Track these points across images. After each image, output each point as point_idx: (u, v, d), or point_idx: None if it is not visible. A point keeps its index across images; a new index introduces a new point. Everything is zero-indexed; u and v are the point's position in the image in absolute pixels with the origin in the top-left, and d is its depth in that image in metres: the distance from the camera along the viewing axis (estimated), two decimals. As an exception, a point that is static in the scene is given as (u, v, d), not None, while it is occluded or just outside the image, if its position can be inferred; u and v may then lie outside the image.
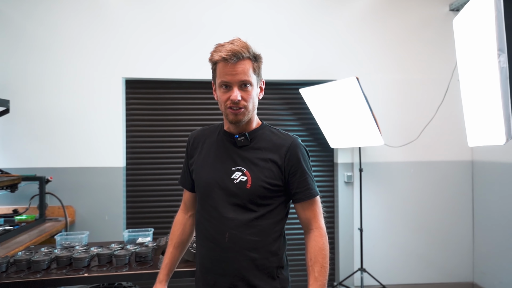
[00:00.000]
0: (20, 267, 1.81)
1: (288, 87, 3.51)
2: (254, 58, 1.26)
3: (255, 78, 1.27)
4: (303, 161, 1.30)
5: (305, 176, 1.29)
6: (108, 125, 3.21)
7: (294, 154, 1.29)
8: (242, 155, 1.30)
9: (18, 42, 3.13)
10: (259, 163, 1.28)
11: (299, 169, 1.29)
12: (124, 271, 1.80)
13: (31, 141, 3.13)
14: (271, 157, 1.28)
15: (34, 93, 3.14)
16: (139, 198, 3.36)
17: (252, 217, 1.26)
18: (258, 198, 1.26)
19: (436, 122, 3.41)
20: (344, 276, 3.37)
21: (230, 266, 1.25)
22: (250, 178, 1.26)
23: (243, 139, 1.31)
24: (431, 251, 3.48)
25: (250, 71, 1.23)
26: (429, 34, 3.50)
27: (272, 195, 1.28)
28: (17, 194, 2.87)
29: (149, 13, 3.25)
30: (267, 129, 1.37)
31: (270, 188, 1.26)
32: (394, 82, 3.47)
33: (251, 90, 1.26)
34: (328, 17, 3.42)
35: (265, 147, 1.31)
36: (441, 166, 3.50)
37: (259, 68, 1.29)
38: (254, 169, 1.27)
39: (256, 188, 1.25)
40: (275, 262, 1.30)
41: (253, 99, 1.27)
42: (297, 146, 1.31)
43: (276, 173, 1.27)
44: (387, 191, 3.47)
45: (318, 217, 1.31)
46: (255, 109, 1.32)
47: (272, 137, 1.34)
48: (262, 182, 1.26)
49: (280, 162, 1.28)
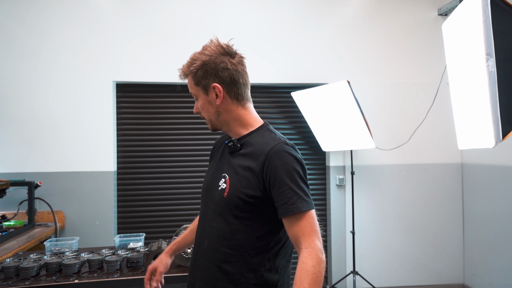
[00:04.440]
0: (8, 275, 1.78)
1: (280, 91, 3.52)
2: (192, 73, 1.25)
3: (199, 89, 1.25)
4: (282, 170, 1.13)
5: (284, 188, 1.12)
6: (99, 129, 3.18)
7: (271, 162, 1.14)
8: (230, 161, 1.25)
9: (8, 47, 3.09)
10: (240, 171, 1.19)
11: (277, 180, 1.13)
12: (116, 277, 1.78)
13: (19, 145, 3.08)
14: (250, 165, 1.17)
15: (23, 97, 3.09)
16: (130, 203, 3.32)
17: (229, 230, 1.17)
18: (235, 209, 1.17)
19: (426, 125, 3.45)
20: (337, 279, 3.38)
21: (206, 274, 1.21)
22: (229, 186, 1.18)
23: (232, 144, 1.26)
24: (422, 253, 3.51)
25: (192, 85, 1.26)
26: (418, 38, 3.55)
27: (249, 208, 1.16)
28: (5, 199, 2.83)
29: (139, 18, 3.24)
30: (260, 133, 1.27)
31: (246, 199, 1.15)
32: (384, 85, 3.50)
33: (200, 101, 1.27)
34: (319, 21, 3.45)
35: (250, 153, 1.21)
36: (431, 168, 3.54)
37: (200, 79, 1.24)
38: (234, 177, 1.19)
39: (232, 198, 1.17)
40: (252, 278, 1.16)
41: (206, 109, 1.27)
42: (277, 153, 1.15)
43: (254, 183, 1.15)
44: (379, 193, 3.50)
45: (307, 235, 1.12)
46: (218, 116, 1.26)
47: (260, 142, 1.22)
48: (238, 192, 1.16)
49: (257, 171, 1.15)
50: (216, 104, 1.25)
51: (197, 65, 1.24)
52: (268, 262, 1.19)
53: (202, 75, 1.23)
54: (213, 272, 1.19)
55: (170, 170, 3.37)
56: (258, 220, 1.17)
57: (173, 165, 3.38)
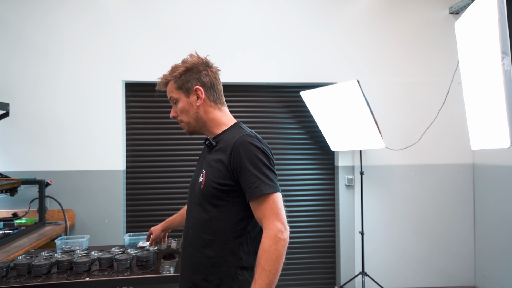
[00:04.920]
0: (21, 272, 1.79)
1: (288, 90, 3.51)
2: (175, 78, 1.39)
3: (180, 92, 1.40)
4: (246, 159, 1.26)
5: (248, 174, 1.25)
6: (108, 128, 3.19)
7: (236, 152, 1.28)
8: (207, 158, 1.41)
9: (18, 46, 3.12)
10: (213, 164, 1.34)
11: (242, 168, 1.26)
12: (126, 275, 1.78)
13: (30, 144, 3.11)
14: (220, 158, 1.32)
15: (34, 97, 3.12)
16: (139, 202, 3.34)
17: (208, 217, 1.31)
18: (210, 197, 1.31)
19: (437, 125, 3.41)
20: (345, 280, 3.36)
21: (191, 260, 1.35)
22: (204, 179, 1.34)
23: (208, 143, 1.41)
24: (432, 255, 3.47)
25: (173, 89, 1.40)
26: (429, 37, 3.51)
27: (223, 195, 1.30)
28: (17, 197, 2.86)
29: (147, 17, 3.25)
30: (232, 130, 1.39)
31: (219, 188, 1.29)
32: (394, 85, 3.47)
33: (180, 104, 1.41)
34: (328, 21, 3.42)
35: (221, 147, 1.35)
36: (442, 169, 3.50)
37: (184, 82, 1.39)
38: (209, 170, 1.35)
39: (207, 188, 1.32)
40: (232, 261, 1.29)
41: (186, 111, 1.41)
42: (240, 145, 1.28)
43: (224, 173, 1.29)
44: (388, 194, 3.46)
45: (267, 216, 1.22)
46: (197, 117, 1.41)
47: (229, 136, 1.36)
48: (211, 182, 1.31)
49: (226, 162, 1.30)
50: (197, 105, 1.40)
51: (181, 71, 1.40)
52: (246, 245, 1.31)
53: (186, 79, 1.39)
54: (197, 258, 1.33)
55: (178, 169, 3.37)
56: (232, 206, 1.31)
57: (181, 164, 3.38)
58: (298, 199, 3.49)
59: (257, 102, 3.47)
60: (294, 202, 3.48)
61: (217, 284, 1.29)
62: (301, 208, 3.49)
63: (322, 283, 3.49)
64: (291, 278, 3.43)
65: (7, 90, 3.08)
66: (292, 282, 3.44)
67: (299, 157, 3.51)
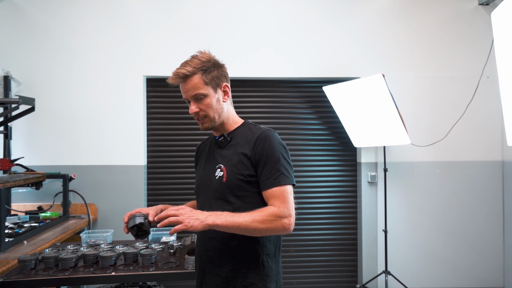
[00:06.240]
0: (48, 264, 1.81)
1: (310, 85, 3.45)
2: (204, 71, 1.37)
3: (209, 88, 1.38)
4: (269, 151, 1.33)
5: (268, 165, 1.32)
6: (130, 123, 3.21)
7: (260, 145, 1.34)
8: (222, 154, 1.43)
9: (44, 43, 3.16)
10: (233, 158, 1.38)
11: (264, 159, 1.33)
12: (151, 270, 1.78)
13: (55, 139, 3.15)
14: (242, 151, 1.37)
15: (58, 92, 3.16)
16: (159, 197, 3.35)
17: (231, 209, 1.31)
18: (235, 189, 1.34)
19: (465, 120, 3.30)
20: (368, 279, 3.30)
21: (215, 254, 1.37)
22: (226, 173, 1.36)
23: (223, 138, 1.44)
24: (458, 255, 3.36)
25: (201, 84, 1.36)
26: (457, 29, 3.39)
27: (248, 186, 1.35)
28: (42, 191, 2.90)
29: (169, 12, 3.24)
30: (246, 126, 1.47)
31: (243, 179, 1.34)
32: (420, 79, 3.36)
33: (208, 100, 1.38)
34: (351, 13, 3.34)
35: (240, 142, 1.40)
36: (469, 166, 3.38)
37: (214, 77, 1.38)
38: (229, 164, 1.37)
39: (231, 181, 1.35)
40: (258, 250, 1.34)
41: (213, 107, 1.39)
42: (264, 138, 1.36)
43: (248, 164, 1.35)
44: (412, 191, 3.37)
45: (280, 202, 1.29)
46: (221, 112, 1.42)
47: (247, 133, 1.42)
48: (236, 174, 1.34)
49: (250, 154, 1.35)
50: (223, 101, 1.42)
51: (209, 65, 1.38)
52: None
53: (215, 75, 1.39)
54: (222, 250, 1.35)
55: (199, 164, 3.37)
56: (255, 196, 1.35)
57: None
58: (319, 196, 3.44)
59: (278, 98, 3.43)
60: (315, 199, 3.43)
61: (244, 272, 1.33)
62: (322, 205, 3.44)
63: (343, 281, 3.43)
64: (312, 275, 3.39)
65: (33, 86, 3.13)
66: (314, 279, 3.39)
67: (320, 153, 3.45)
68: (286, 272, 3.36)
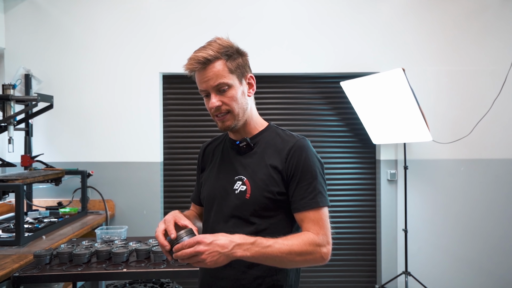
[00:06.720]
0: (63, 260, 1.84)
1: (328, 81, 3.37)
2: (228, 56, 1.15)
3: (234, 77, 1.15)
4: (305, 166, 1.13)
5: (304, 182, 1.13)
6: (147, 120, 3.23)
7: (294, 157, 1.14)
8: (243, 163, 1.20)
9: (63, 42, 3.21)
10: (260, 170, 1.16)
11: (299, 175, 1.13)
12: (162, 267, 1.77)
13: (73, 135, 3.21)
14: (272, 162, 1.16)
15: (76, 90, 3.21)
16: (176, 193, 3.36)
17: (254, 231, 1.12)
18: (260, 209, 1.14)
19: (491, 116, 3.14)
20: (387, 279, 3.20)
21: (229, 283, 1.15)
22: (250, 187, 1.15)
23: (245, 144, 1.20)
24: (483, 257, 3.22)
25: (225, 72, 1.13)
26: (483, 21, 3.22)
27: (276, 205, 1.15)
28: (61, 187, 2.96)
29: (184, 9, 3.23)
30: (272, 131, 1.24)
31: (271, 197, 1.13)
32: (444, 73, 3.23)
33: (232, 92, 1.15)
34: (370, 5, 3.23)
35: (268, 151, 1.18)
36: (495, 164, 3.23)
37: (239, 65, 1.17)
38: (254, 177, 1.16)
39: (257, 198, 1.13)
40: (280, 280, 1.14)
41: (238, 100, 1.15)
42: (300, 149, 1.15)
43: (278, 180, 1.14)
44: (434, 190, 3.25)
45: (319, 228, 1.10)
46: (246, 109, 1.19)
47: (276, 139, 1.20)
48: (263, 191, 1.13)
49: (281, 167, 1.15)
50: (248, 95, 1.20)
51: (233, 50, 1.17)
52: None
53: (241, 63, 1.18)
54: (239, 280, 1.14)
55: (215, 161, 3.36)
56: (285, 217, 1.16)
57: (217, 156, 3.36)
58: (337, 194, 3.36)
59: (294, 94, 3.36)
60: (333, 197, 3.36)
61: None
62: (340, 203, 3.36)
63: (362, 281, 3.35)
64: (330, 275, 3.32)
65: (53, 84, 3.19)
66: (331, 279, 3.33)
67: (338, 150, 3.37)
68: (304, 271, 3.29)
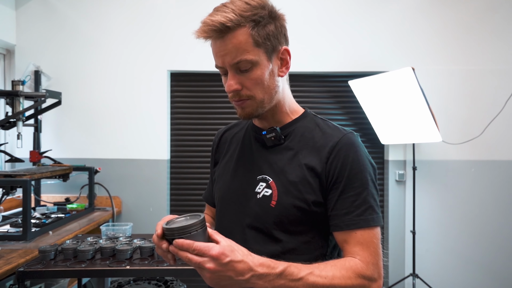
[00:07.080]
0: (67, 256, 1.84)
1: (336, 79, 3.33)
2: (256, 23, 0.84)
3: (262, 52, 0.86)
4: (353, 170, 0.87)
5: (350, 192, 0.87)
6: (154, 118, 3.23)
7: (340, 157, 0.88)
8: (270, 159, 0.94)
9: (72, 39, 3.23)
10: (291, 170, 0.90)
11: (344, 181, 0.87)
12: (166, 265, 1.77)
13: (81, 132, 3.23)
14: (308, 162, 0.89)
15: (84, 86, 3.23)
16: (182, 191, 3.36)
17: (279, 251, 0.88)
18: (288, 222, 0.88)
19: (504, 117, 3.07)
20: (394, 281, 3.16)
21: None
22: (276, 192, 0.89)
23: (273, 136, 0.93)
24: (494, 260, 3.15)
25: (249, 46, 0.84)
26: (495, 19, 3.15)
27: (309, 218, 0.89)
28: (69, 183, 2.98)
29: (194, 6, 3.22)
30: (309, 120, 0.97)
31: (304, 207, 0.88)
32: (454, 72, 3.16)
33: (257, 72, 0.86)
34: (379, 4, 3.18)
35: (303, 146, 0.92)
36: (506, 166, 3.15)
37: (270, 35, 0.86)
38: (283, 179, 0.90)
39: (284, 207, 0.88)
40: None
41: (263, 83, 0.87)
42: (348, 148, 0.88)
43: (315, 185, 0.88)
44: (444, 191, 3.19)
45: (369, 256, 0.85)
46: (275, 93, 0.91)
47: (315, 132, 0.94)
48: (293, 198, 0.88)
49: (320, 169, 0.88)
50: (279, 76, 0.91)
51: (265, 13, 0.86)
52: None
53: (274, 30, 0.87)
54: None
55: (221, 160, 3.35)
56: (320, 234, 0.91)
57: (224, 155, 3.35)
58: (344, 194, 3.33)
59: (302, 92, 3.33)
60: (339, 196, 3.33)
61: None
62: (346, 203, 3.33)
63: (368, 283, 3.31)
64: (334, 275, 3.29)
65: (63, 81, 3.21)
66: (336, 279, 3.30)
67: (346, 150, 3.33)
68: (308, 271, 3.28)
